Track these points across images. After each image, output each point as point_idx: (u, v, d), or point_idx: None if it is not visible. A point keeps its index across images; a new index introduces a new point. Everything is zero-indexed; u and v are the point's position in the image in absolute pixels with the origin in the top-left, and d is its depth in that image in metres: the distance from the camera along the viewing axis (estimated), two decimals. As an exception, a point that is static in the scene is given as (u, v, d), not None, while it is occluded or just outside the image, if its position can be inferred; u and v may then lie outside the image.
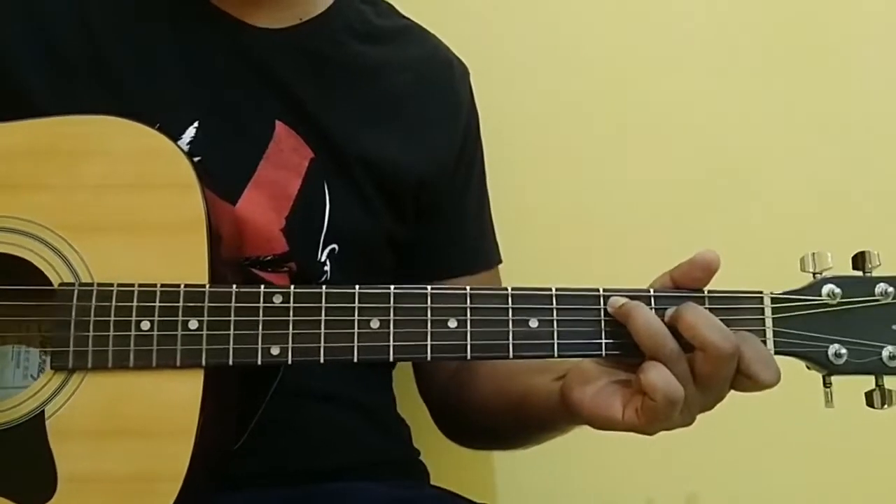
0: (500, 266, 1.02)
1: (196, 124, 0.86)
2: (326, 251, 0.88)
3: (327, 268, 0.88)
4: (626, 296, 0.73)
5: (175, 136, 0.82)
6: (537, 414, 0.83)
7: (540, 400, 0.82)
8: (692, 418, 0.73)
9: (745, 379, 0.71)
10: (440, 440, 1.01)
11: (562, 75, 1.21)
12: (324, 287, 0.74)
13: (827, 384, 0.75)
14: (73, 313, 0.72)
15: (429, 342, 0.73)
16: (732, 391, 0.73)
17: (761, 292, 0.74)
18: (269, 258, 0.86)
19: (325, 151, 0.89)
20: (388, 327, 0.73)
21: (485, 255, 1.01)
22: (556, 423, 0.84)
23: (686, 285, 0.74)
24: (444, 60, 1.00)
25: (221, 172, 0.83)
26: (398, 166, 0.92)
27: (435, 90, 0.97)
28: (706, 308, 0.73)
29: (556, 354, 0.74)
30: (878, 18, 1.22)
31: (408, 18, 1.01)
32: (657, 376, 0.69)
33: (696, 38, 1.22)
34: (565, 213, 1.20)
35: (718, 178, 1.20)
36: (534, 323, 0.73)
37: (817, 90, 1.22)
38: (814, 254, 0.76)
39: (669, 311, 0.72)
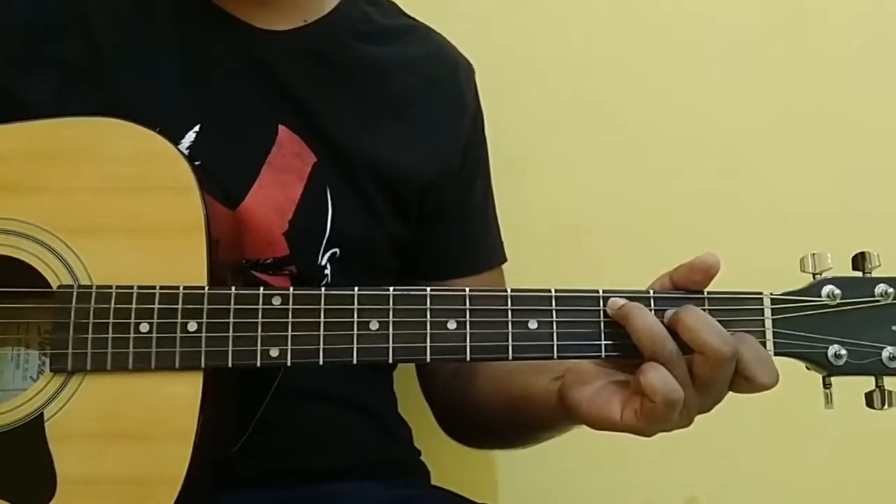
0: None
1: (197, 128, 0.86)
2: (327, 255, 0.88)
3: (328, 271, 0.88)
4: (626, 297, 0.73)
5: (175, 140, 0.82)
6: (536, 413, 0.83)
7: (538, 399, 0.82)
8: (690, 420, 0.73)
9: (743, 380, 0.71)
10: (441, 440, 1.01)
11: (565, 76, 1.21)
12: (323, 289, 0.73)
13: (827, 385, 0.75)
14: (72, 315, 0.72)
15: (428, 344, 0.73)
16: (731, 393, 0.73)
17: (761, 293, 0.74)
18: (269, 261, 0.86)
19: (328, 156, 0.89)
20: (388, 329, 0.73)
21: (489, 255, 1.00)
22: (554, 423, 0.84)
23: (685, 287, 0.74)
24: (450, 59, 0.99)
25: (224, 176, 0.83)
26: (402, 170, 0.91)
27: (440, 90, 0.96)
28: (706, 309, 0.73)
29: (555, 356, 0.73)
30: (880, 18, 1.22)
31: (412, 18, 1.00)
32: (656, 378, 0.69)
33: (698, 41, 1.22)
34: (565, 214, 1.20)
35: (718, 180, 1.20)
36: (533, 324, 0.73)
37: (817, 91, 1.21)
38: (813, 254, 0.76)
39: (668, 313, 0.72)
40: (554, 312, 0.73)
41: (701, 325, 0.70)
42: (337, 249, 0.88)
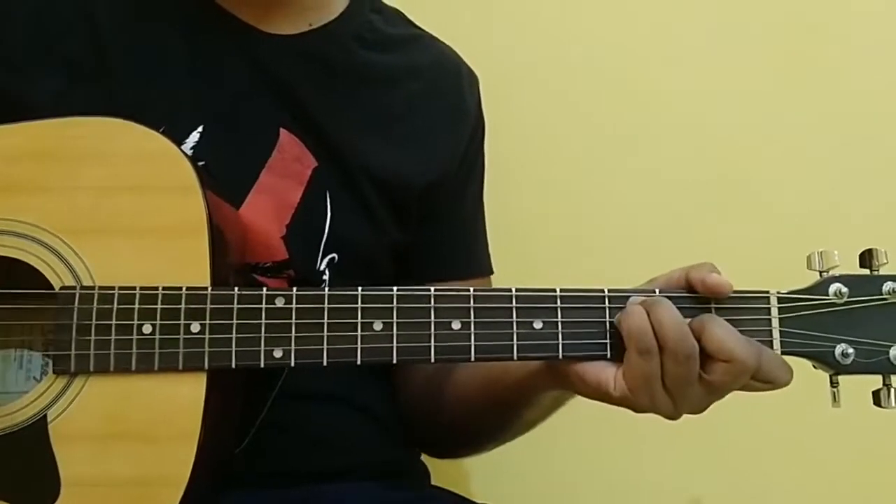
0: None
1: (200, 129, 0.85)
2: (326, 260, 0.88)
3: (326, 276, 0.88)
4: (632, 294, 0.73)
5: (179, 140, 0.82)
6: (516, 382, 0.82)
7: (520, 366, 0.80)
8: (680, 413, 0.73)
9: (761, 384, 0.71)
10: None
11: (567, 80, 1.21)
12: (326, 289, 0.73)
13: (834, 384, 0.74)
14: (75, 317, 0.72)
15: (432, 344, 0.73)
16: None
17: (767, 292, 0.74)
18: (268, 265, 0.86)
19: (328, 161, 0.88)
20: (392, 329, 0.72)
21: (476, 262, 0.99)
22: (536, 390, 0.82)
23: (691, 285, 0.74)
24: (453, 67, 0.99)
25: (224, 178, 0.83)
26: (402, 177, 0.91)
27: (442, 98, 0.96)
28: (712, 307, 0.73)
29: (560, 356, 0.73)
30: (882, 19, 1.22)
31: (418, 27, 1.00)
32: (635, 319, 0.70)
33: (699, 43, 1.22)
34: (571, 215, 1.20)
35: (724, 178, 1.20)
36: (538, 324, 0.73)
37: (822, 89, 1.21)
38: (820, 252, 0.75)
39: (689, 321, 0.71)
40: (559, 312, 0.73)
41: (732, 337, 0.70)
42: (335, 255, 0.88)
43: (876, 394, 0.74)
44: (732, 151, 1.20)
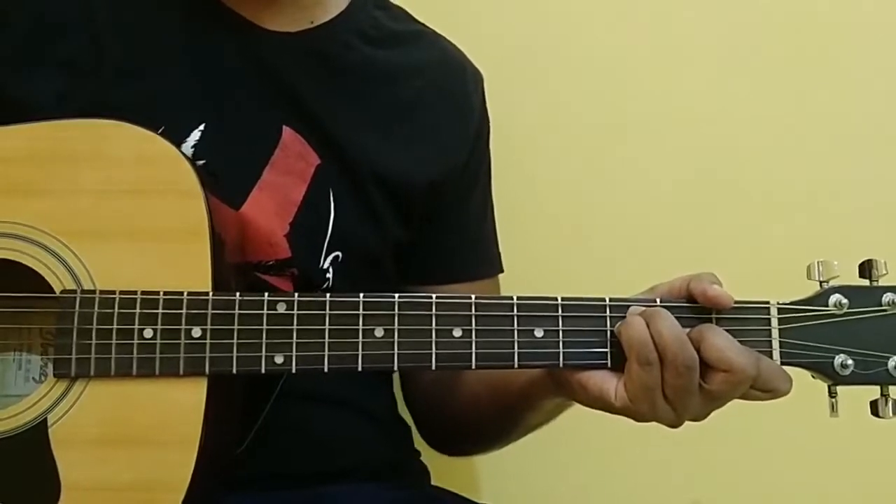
0: (506, 274, 1.00)
1: (202, 127, 0.85)
2: (330, 258, 0.88)
3: (329, 275, 0.88)
4: (632, 304, 0.73)
5: (180, 138, 0.82)
6: (520, 389, 0.83)
7: (525, 373, 0.80)
8: (682, 420, 0.73)
9: (761, 393, 0.72)
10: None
11: (570, 81, 1.20)
12: (328, 295, 0.73)
13: (832, 394, 0.75)
14: (76, 320, 0.72)
15: (433, 351, 0.73)
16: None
17: (768, 303, 0.74)
18: (271, 263, 0.86)
19: (331, 158, 0.88)
20: (393, 336, 0.73)
21: (483, 263, 0.99)
22: (541, 397, 0.83)
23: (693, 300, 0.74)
24: (458, 65, 0.99)
25: (226, 176, 0.83)
26: (406, 174, 0.91)
27: (447, 95, 0.95)
28: (713, 317, 0.73)
29: (561, 364, 0.73)
30: (882, 22, 1.21)
31: (422, 24, 0.99)
32: (635, 328, 0.70)
33: (702, 46, 1.21)
34: (571, 222, 1.19)
35: (725, 187, 1.19)
36: (539, 332, 0.73)
37: (826, 96, 1.20)
38: (820, 262, 0.75)
39: (687, 331, 0.71)
40: (560, 320, 0.73)
41: (732, 346, 0.70)
42: (339, 253, 0.88)
43: (874, 404, 0.75)
44: (734, 160, 1.19)
